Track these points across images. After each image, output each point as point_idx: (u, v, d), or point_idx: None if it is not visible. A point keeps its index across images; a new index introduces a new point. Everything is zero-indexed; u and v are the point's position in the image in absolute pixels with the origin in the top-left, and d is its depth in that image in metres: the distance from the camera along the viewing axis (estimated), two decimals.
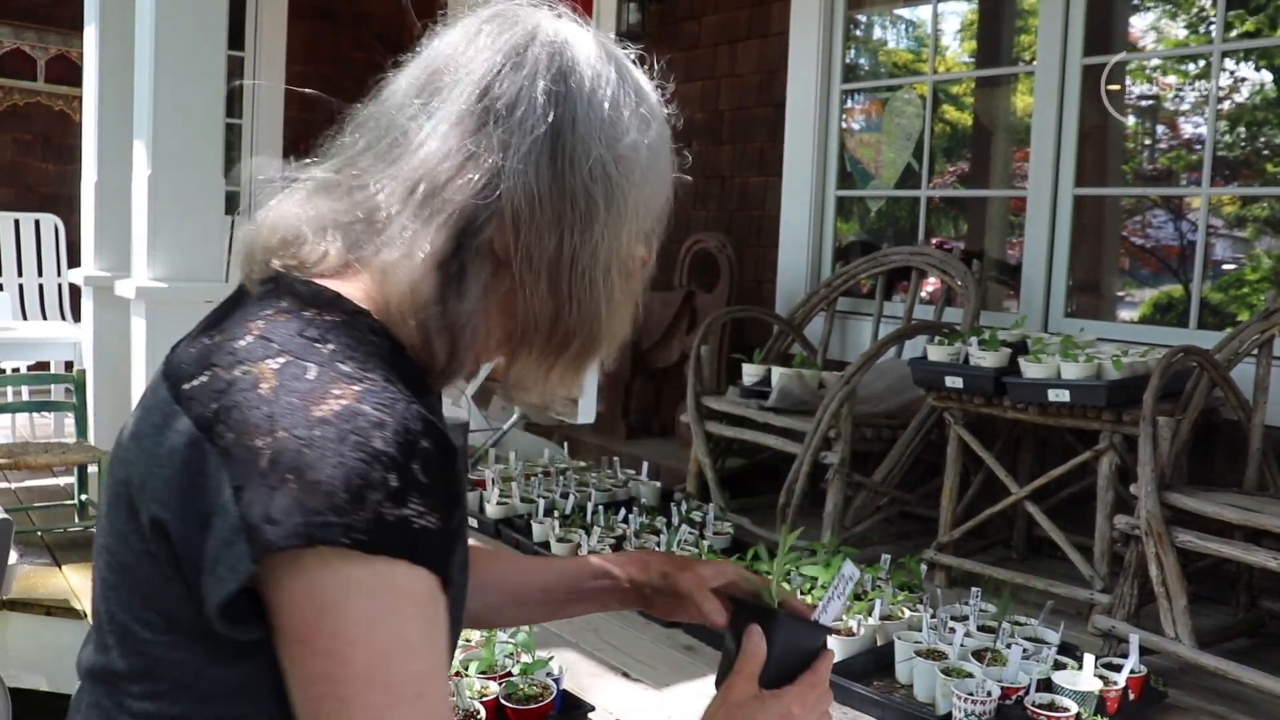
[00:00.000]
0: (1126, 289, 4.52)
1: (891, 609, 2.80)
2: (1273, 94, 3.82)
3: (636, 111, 0.96)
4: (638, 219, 0.95)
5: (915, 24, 4.84)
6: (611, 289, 0.95)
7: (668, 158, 0.99)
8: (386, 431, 0.78)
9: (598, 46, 0.97)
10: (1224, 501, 2.61)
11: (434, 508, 0.79)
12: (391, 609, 0.78)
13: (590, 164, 0.90)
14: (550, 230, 0.89)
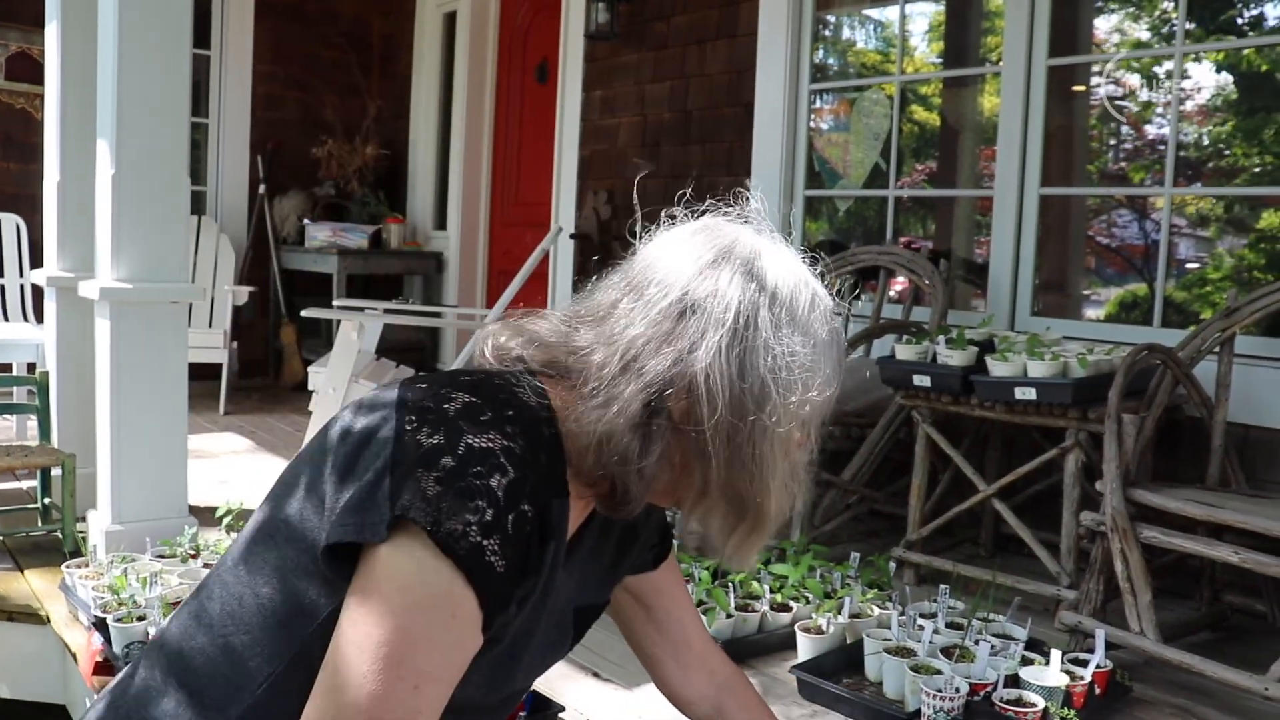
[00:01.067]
0: (1092, 288, 4.56)
1: (861, 607, 2.82)
2: (1233, 95, 3.86)
3: (809, 317, 1.11)
4: (802, 408, 1.09)
5: (883, 25, 4.87)
6: (775, 464, 1.09)
7: (834, 360, 1.13)
8: (505, 479, 0.96)
9: (787, 260, 1.14)
10: (1187, 497, 2.64)
11: (508, 556, 0.96)
12: (434, 605, 0.94)
13: (771, 357, 1.06)
14: (729, 408, 1.04)
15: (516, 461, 0.97)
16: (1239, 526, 2.49)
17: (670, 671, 1.41)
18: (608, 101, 5.56)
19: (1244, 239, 4.04)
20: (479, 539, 0.93)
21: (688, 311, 1.05)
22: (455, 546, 0.93)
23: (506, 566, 0.95)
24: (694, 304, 1.06)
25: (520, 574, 0.98)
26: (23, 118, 6.10)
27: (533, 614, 1.07)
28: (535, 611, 1.08)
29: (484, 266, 6.93)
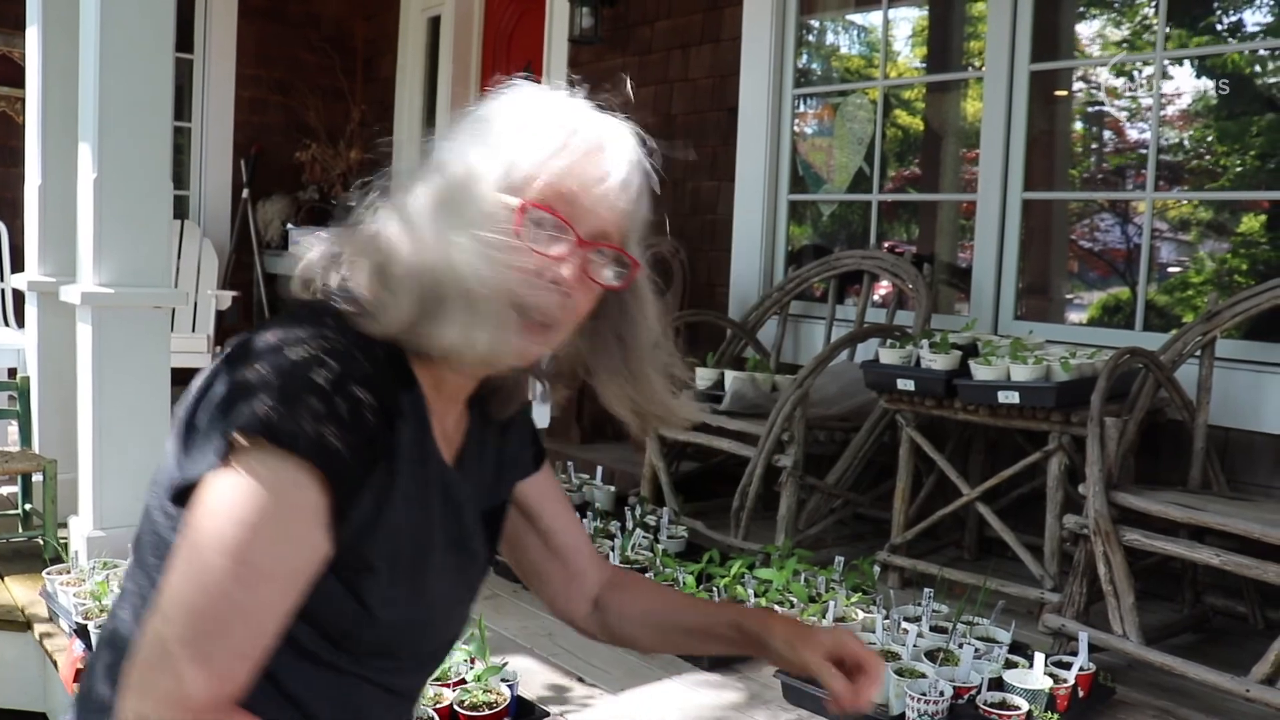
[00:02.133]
0: (1075, 291, 4.58)
1: (845, 610, 2.82)
2: (1213, 101, 3.89)
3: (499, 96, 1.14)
4: (493, 171, 1.06)
5: (867, 29, 4.88)
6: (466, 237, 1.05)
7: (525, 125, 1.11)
8: (331, 374, 0.97)
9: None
10: (1169, 500, 2.65)
11: (350, 442, 0.95)
12: (269, 499, 0.94)
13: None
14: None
15: (340, 357, 0.99)
16: (1220, 529, 2.51)
17: (559, 585, 1.40)
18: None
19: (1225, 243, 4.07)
20: (314, 428, 0.94)
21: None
22: (294, 442, 0.94)
23: (351, 452, 0.96)
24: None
25: (369, 459, 0.98)
26: (3, 121, 6.07)
27: (420, 519, 1.08)
28: (422, 516, 1.08)
29: None
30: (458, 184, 1.07)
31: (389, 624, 1.06)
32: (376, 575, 1.03)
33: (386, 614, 1.05)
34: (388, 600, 1.05)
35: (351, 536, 1.00)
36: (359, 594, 1.03)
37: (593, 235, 1.08)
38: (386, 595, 1.04)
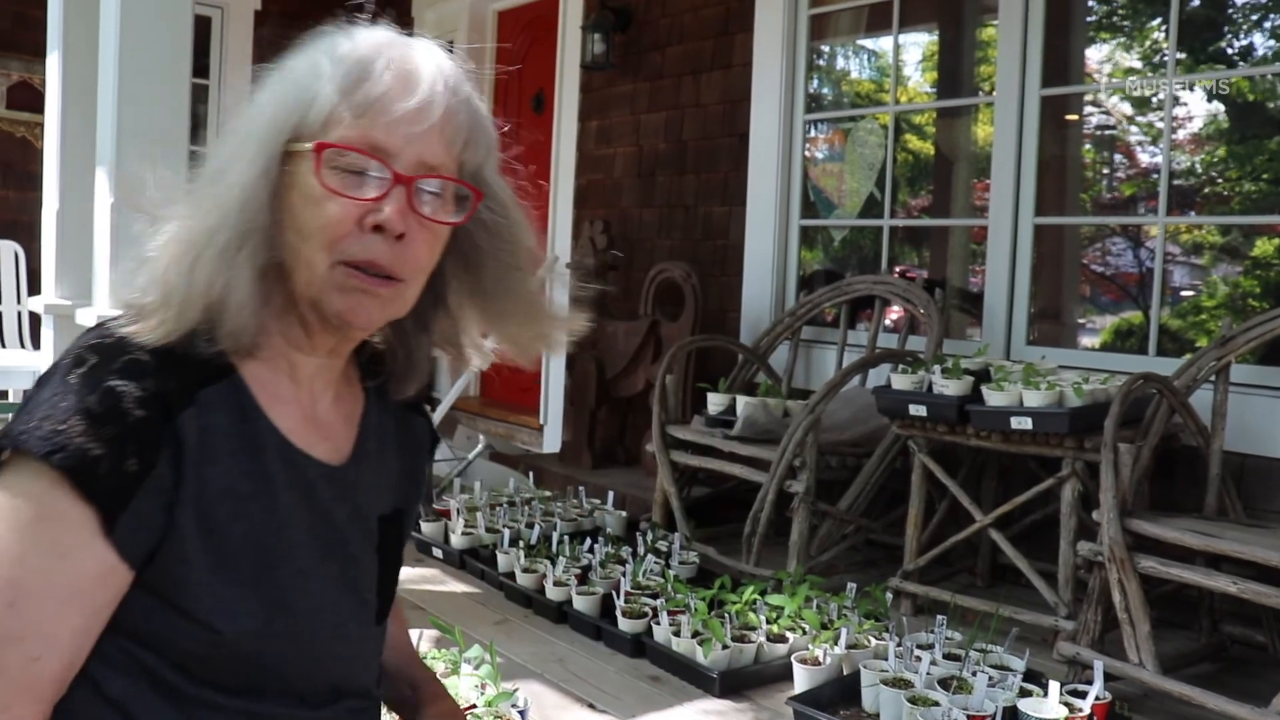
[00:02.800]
0: (1087, 316, 4.57)
1: (858, 637, 2.81)
2: (1225, 124, 3.89)
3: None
4: (287, 121, 0.97)
5: (877, 54, 4.90)
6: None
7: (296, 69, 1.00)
8: (81, 371, 0.90)
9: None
10: (1185, 527, 2.63)
11: (104, 437, 0.87)
12: (18, 511, 0.87)
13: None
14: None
15: (102, 352, 0.91)
16: (1237, 556, 2.49)
17: None
18: (604, 131, 5.58)
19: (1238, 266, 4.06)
20: (57, 427, 0.86)
21: None
22: (36, 446, 0.86)
23: (104, 449, 0.87)
24: None
25: (130, 456, 0.88)
26: (22, 146, 6.12)
27: (260, 518, 0.96)
28: (264, 515, 0.96)
29: None
30: (241, 140, 0.98)
31: (243, 642, 0.95)
32: (203, 584, 0.92)
33: (234, 629, 0.93)
34: (233, 614, 0.93)
35: (146, 542, 0.90)
36: (186, 607, 0.92)
37: (414, 168, 0.97)
38: (229, 608, 0.93)
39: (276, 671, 0.99)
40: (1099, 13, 4.23)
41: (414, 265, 0.99)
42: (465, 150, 1.02)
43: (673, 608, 2.95)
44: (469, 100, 1.03)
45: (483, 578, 3.52)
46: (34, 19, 5.82)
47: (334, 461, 1.05)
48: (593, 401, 4.94)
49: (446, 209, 1.01)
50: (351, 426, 1.10)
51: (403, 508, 1.17)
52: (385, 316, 1.01)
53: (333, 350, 1.05)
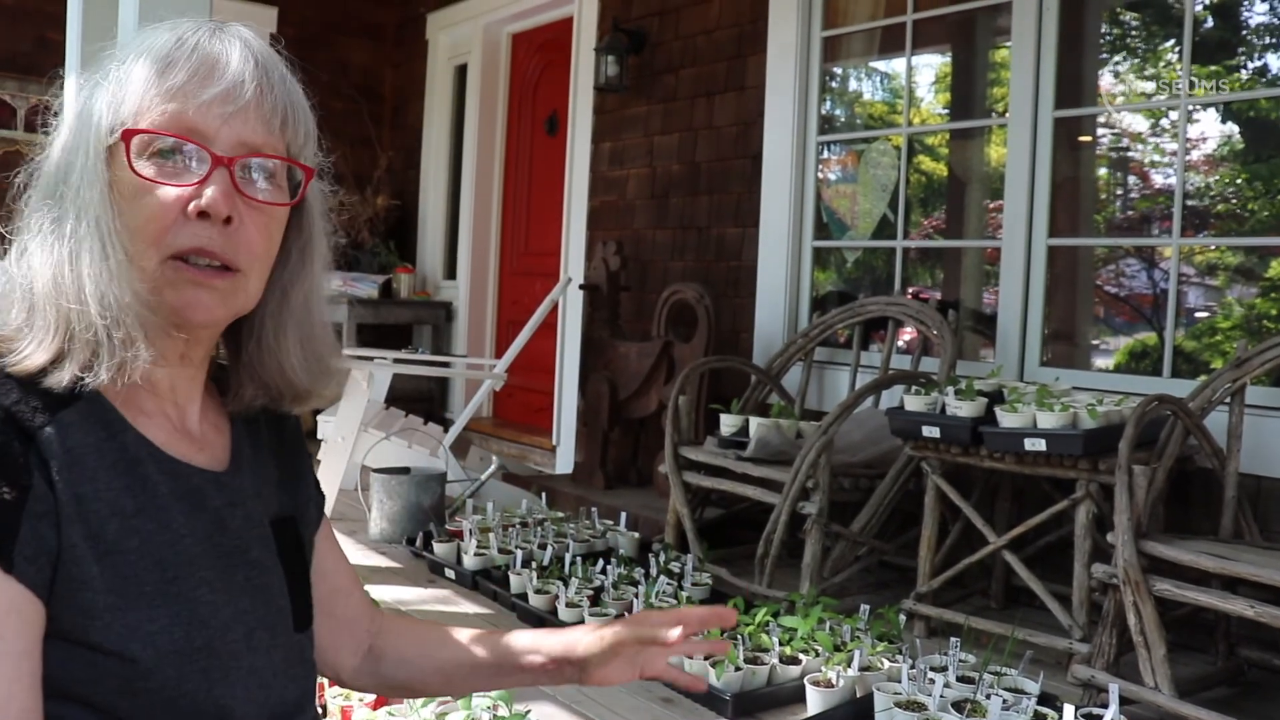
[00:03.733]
0: (1101, 337, 4.55)
1: (871, 660, 2.79)
2: (1240, 145, 3.88)
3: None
4: (101, 119, 0.94)
5: (890, 76, 4.91)
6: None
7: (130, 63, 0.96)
8: None
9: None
10: (1200, 550, 2.62)
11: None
12: None
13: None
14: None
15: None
16: (1254, 579, 2.47)
17: (325, 635, 1.18)
18: (617, 153, 5.61)
19: (1254, 288, 4.04)
20: None
21: None
22: None
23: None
24: None
25: (2, 482, 0.84)
26: None
27: (152, 531, 0.91)
28: (155, 528, 0.92)
29: (493, 316, 6.96)
30: (65, 152, 0.95)
31: (165, 667, 0.89)
32: (109, 610, 0.87)
33: (151, 653, 0.88)
34: (147, 636, 0.88)
35: (46, 567, 0.85)
36: (98, 640, 0.87)
37: (235, 149, 0.93)
38: (141, 631, 0.88)
39: (207, 695, 0.92)
40: (1112, 34, 4.23)
41: (249, 252, 0.95)
42: (285, 130, 0.98)
43: None
44: (283, 79, 0.99)
45: (495, 599, 3.51)
46: (54, 43, 5.89)
47: (216, 470, 1.02)
48: (605, 422, 4.94)
49: (277, 191, 0.97)
50: (224, 435, 1.07)
51: (292, 513, 1.13)
52: (228, 311, 0.97)
53: (183, 356, 1.00)
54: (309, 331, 1.07)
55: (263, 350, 1.05)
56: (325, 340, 1.09)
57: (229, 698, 0.94)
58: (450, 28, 7.07)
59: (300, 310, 1.06)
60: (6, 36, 6.17)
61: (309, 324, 1.07)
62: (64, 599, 0.86)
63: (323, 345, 1.08)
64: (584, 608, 3.15)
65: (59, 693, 0.87)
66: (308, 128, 1.02)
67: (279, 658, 1.02)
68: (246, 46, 0.96)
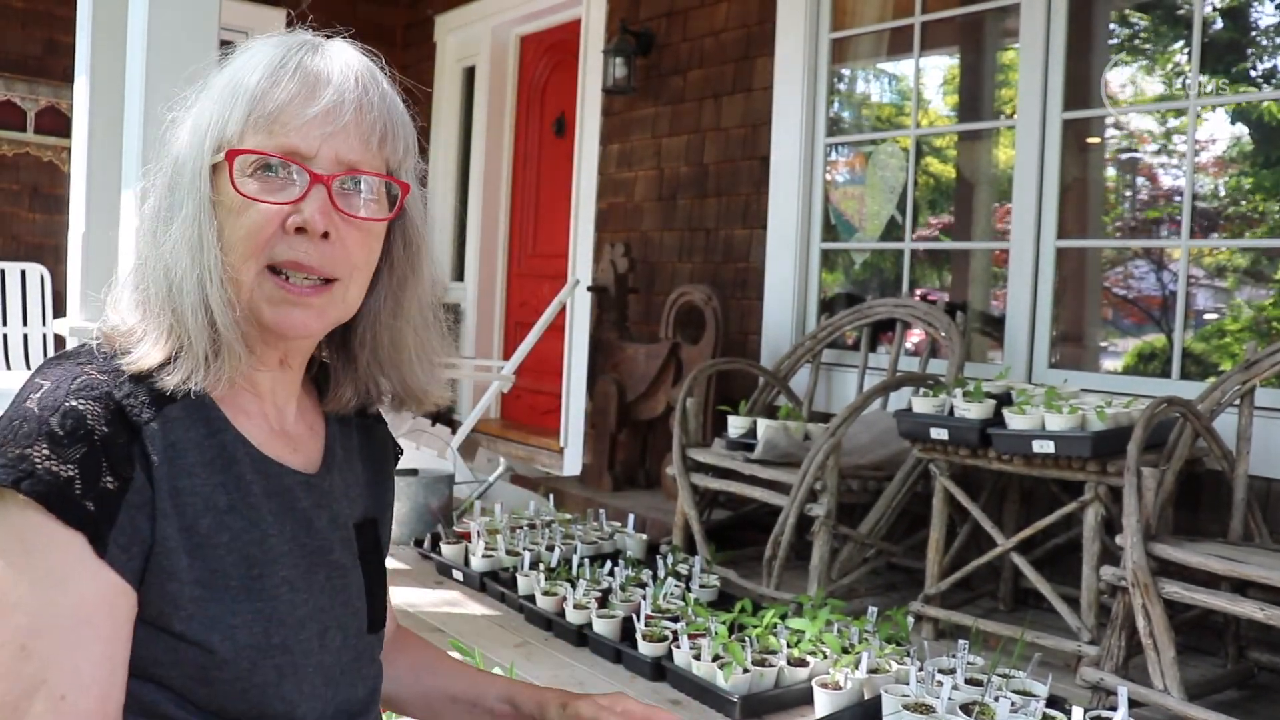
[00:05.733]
0: (1109, 339, 4.54)
1: (879, 662, 2.79)
2: (1249, 147, 3.87)
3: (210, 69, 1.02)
4: (208, 135, 0.97)
5: (898, 78, 4.91)
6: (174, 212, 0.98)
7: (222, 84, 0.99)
8: (39, 395, 0.89)
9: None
10: (1209, 552, 2.61)
11: (72, 459, 0.86)
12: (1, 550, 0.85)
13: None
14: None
15: (57, 377, 0.90)
16: (1263, 582, 2.46)
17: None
18: (625, 154, 5.61)
19: (1263, 290, 4.03)
20: (21, 452, 0.85)
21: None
22: (1, 476, 0.84)
23: (78, 468, 0.85)
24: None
25: (107, 470, 0.87)
26: (50, 170, 6.20)
27: (242, 529, 0.95)
28: (245, 525, 0.95)
29: (501, 318, 6.97)
30: (175, 166, 0.98)
31: (241, 660, 0.93)
32: (194, 601, 0.91)
33: (230, 646, 0.92)
34: (227, 630, 0.92)
35: (139, 556, 0.89)
36: (180, 629, 0.91)
37: (333, 167, 0.96)
38: (223, 624, 0.92)
39: (276, 689, 0.96)
40: (1120, 35, 4.22)
41: (346, 263, 0.98)
42: (384, 146, 1.00)
43: (693, 631, 2.94)
44: (383, 97, 1.02)
45: (503, 600, 3.52)
46: (64, 45, 5.92)
47: (308, 471, 1.05)
48: (613, 424, 4.94)
49: (375, 205, 0.99)
50: (318, 437, 1.10)
51: (375, 516, 1.16)
52: (325, 322, 1.00)
53: (282, 361, 1.04)
54: (425, 336, 1.10)
55: (380, 360, 1.09)
56: (439, 346, 1.12)
57: (296, 693, 0.97)
58: (458, 30, 7.08)
59: (416, 317, 1.09)
60: (16, 39, 6.20)
61: (424, 329, 1.10)
62: (153, 587, 0.90)
63: (435, 351, 1.12)
64: (592, 609, 3.15)
65: (139, 672, 0.91)
66: (407, 142, 1.04)
67: (349, 658, 1.06)
68: (347, 65, 0.99)
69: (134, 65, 3.22)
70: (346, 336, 1.09)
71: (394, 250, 1.06)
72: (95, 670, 0.86)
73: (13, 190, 6.18)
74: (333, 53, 0.99)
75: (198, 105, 0.99)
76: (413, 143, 1.05)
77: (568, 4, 6.18)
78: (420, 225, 1.08)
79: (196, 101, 1.00)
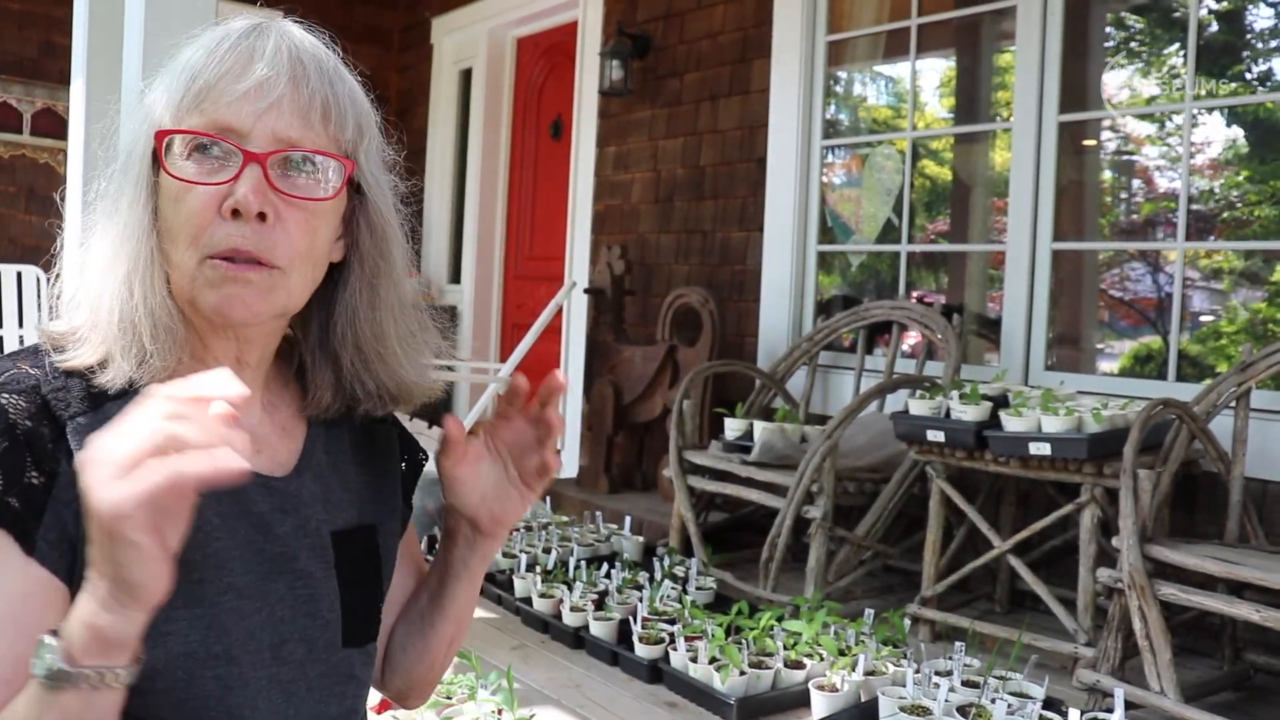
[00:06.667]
0: (1105, 341, 4.55)
1: (875, 664, 2.79)
2: (1244, 149, 3.88)
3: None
4: (145, 122, 0.94)
5: (894, 81, 4.91)
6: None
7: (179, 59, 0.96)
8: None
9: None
10: (1206, 554, 2.61)
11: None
12: None
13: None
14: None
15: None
16: (1260, 584, 2.46)
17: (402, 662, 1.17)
18: (621, 157, 5.61)
19: (1259, 291, 4.03)
20: None
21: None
22: None
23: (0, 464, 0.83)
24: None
25: (30, 466, 0.85)
26: (46, 172, 6.20)
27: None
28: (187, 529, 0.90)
29: (498, 320, 6.96)
30: (120, 154, 0.95)
31: (172, 666, 0.88)
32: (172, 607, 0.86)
33: (161, 654, 0.87)
34: (159, 636, 0.86)
35: (70, 553, 0.86)
36: None
37: (270, 144, 0.91)
38: (154, 630, 0.84)
39: (220, 702, 0.90)
40: (1116, 38, 4.23)
41: (287, 248, 0.92)
42: (328, 123, 0.95)
43: (690, 634, 2.94)
44: (323, 71, 0.96)
45: (499, 603, 3.51)
46: (60, 47, 5.92)
47: (272, 473, 1.00)
48: (610, 427, 4.94)
49: (321, 186, 0.94)
50: (293, 439, 1.05)
51: (372, 522, 1.09)
52: (269, 308, 0.94)
53: (238, 358, 0.99)
54: (407, 326, 1.06)
55: (366, 356, 1.04)
56: (419, 331, 1.07)
57: (245, 707, 0.93)
58: (455, 32, 7.08)
59: (395, 305, 1.04)
60: (13, 41, 6.19)
61: (405, 318, 1.05)
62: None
63: (418, 337, 1.07)
64: (588, 612, 3.15)
65: None
66: (359, 121, 0.99)
67: (316, 672, 1.00)
68: (282, 39, 0.94)
69: (130, 67, 3.22)
70: (325, 337, 1.04)
71: (360, 239, 1.02)
72: (15, 669, 0.82)
73: (9, 192, 6.18)
74: (272, 29, 0.95)
75: (142, 95, 0.96)
76: (367, 123, 1.00)
77: (564, 6, 6.18)
78: (386, 211, 1.03)
79: (146, 91, 0.96)
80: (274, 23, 0.96)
